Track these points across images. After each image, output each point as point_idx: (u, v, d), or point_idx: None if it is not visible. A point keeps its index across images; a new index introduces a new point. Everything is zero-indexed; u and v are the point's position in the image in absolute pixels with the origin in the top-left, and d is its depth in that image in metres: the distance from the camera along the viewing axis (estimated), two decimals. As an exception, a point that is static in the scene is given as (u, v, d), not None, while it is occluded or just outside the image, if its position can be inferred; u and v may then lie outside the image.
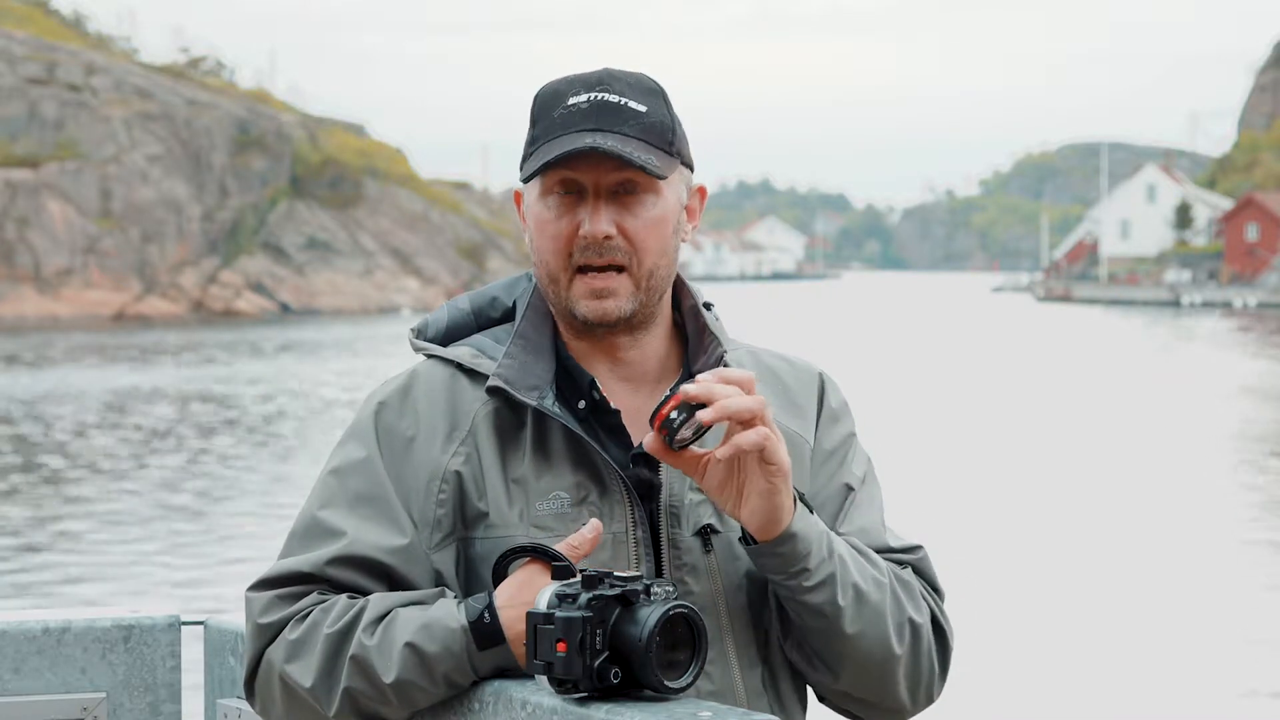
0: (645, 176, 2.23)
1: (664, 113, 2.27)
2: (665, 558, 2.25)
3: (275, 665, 2.20)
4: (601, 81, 2.26)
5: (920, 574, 2.32)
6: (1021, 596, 13.29)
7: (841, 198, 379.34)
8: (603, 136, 2.21)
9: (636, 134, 2.23)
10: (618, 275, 2.24)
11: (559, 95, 2.27)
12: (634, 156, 2.20)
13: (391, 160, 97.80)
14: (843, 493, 2.34)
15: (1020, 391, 33.64)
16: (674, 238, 2.29)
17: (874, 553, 2.26)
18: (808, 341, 44.85)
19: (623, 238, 2.23)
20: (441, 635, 2.11)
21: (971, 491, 19.08)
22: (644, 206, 2.24)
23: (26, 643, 2.68)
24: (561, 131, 2.23)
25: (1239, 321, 73.80)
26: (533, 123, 2.29)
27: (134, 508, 18.05)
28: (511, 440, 2.27)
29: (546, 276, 2.28)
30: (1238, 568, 14.68)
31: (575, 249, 2.24)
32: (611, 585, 1.99)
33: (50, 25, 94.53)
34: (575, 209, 2.24)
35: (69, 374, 39.04)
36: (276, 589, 2.23)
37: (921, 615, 2.25)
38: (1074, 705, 10.11)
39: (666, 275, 2.29)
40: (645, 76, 2.30)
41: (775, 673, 2.28)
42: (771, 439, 2.10)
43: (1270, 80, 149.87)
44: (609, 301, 2.25)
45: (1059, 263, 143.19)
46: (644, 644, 1.97)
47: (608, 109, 2.24)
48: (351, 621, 2.16)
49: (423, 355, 2.36)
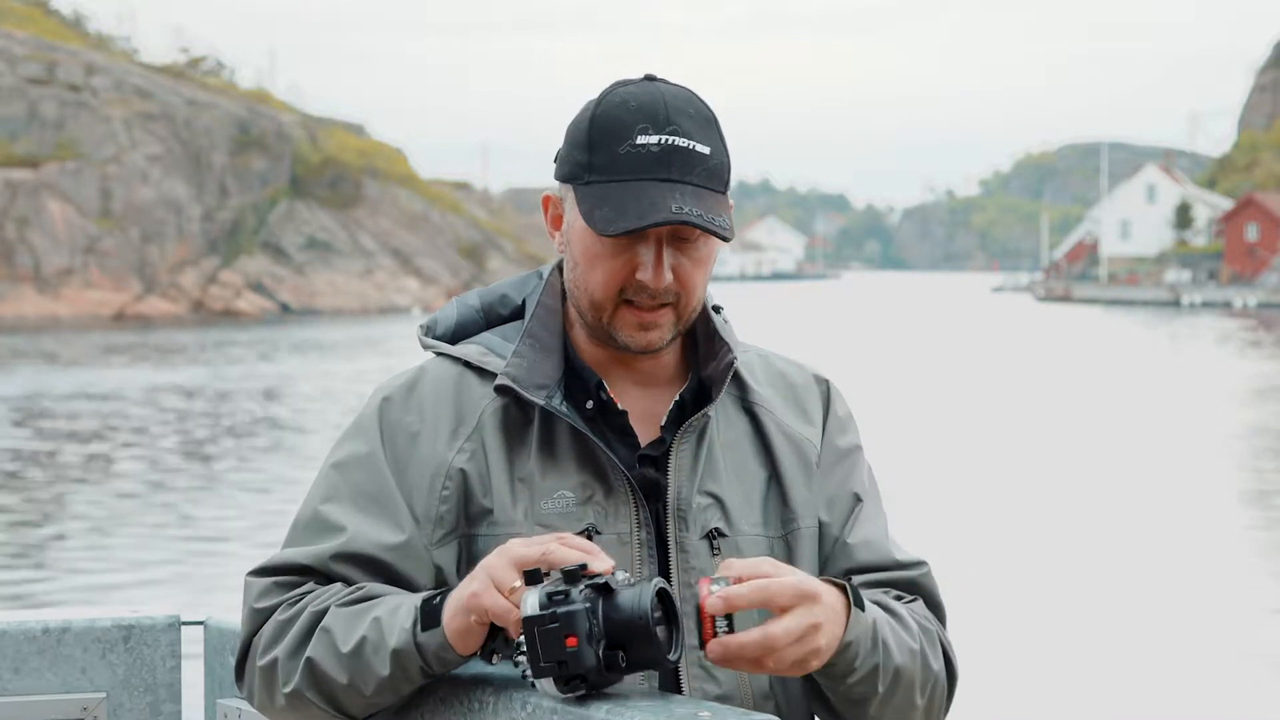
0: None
1: (722, 149, 2.25)
2: (673, 561, 2.24)
3: (259, 645, 2.21)
4: (671, 121, 2.22)
5: (923, 590, 2.33)
6: (1021, 597, 13.28)
7: (841, 198, 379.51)
8: (680, 194, 2.18)
9: (704, 182, 2.21)
10: (664, 309, 2.25)
11: (624, 128, 2.22)
12: (714, 225, 2.19)
13: (391, 160, 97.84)
14: (851, 501, 2.34)
15: (1020, 392, 33.64)
16: (713, 266, 2.30)
17: (902, 609, 2.25)
18: (808, 342, 44.86)
19: (676, 280, 2.24)
20: (404, 612, 2.11)
21: (971, 492, 19.07)
22: (697, 249, 2.25)
23: (26, 643, 2.68)
24: (630, 175, 2.20)
25: (1239, 321, 73.80)
26: (590, 146, 2.24)
27: (134, 507, 18.05)
28: (518, 438, 2.27)
29: (589, 303, 2.26)
30: (1237, 568, 14.67)
31: (629, 288, 2.23)
32: (588, 577, 2.00)
33: (50, 25, 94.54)
34: (635, 247, 2.22)
35: (105, 373, 39.05)
36: (275, 576, 2.24)
37: (938, 663, 2.26)
38: (1074, 706, 10.10)
39: (702, 302, 2.31)
40: (696, 100, 2.27)
41: (784, 678, 2.27)
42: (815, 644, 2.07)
43: (1270, 80, 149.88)
44: (654, 334, 2.25)
45: (1059, 263, 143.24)
46: (646, 622, 1.97)
47: (679, 155, 2.21)
48: (340, 599, 2.17)
49: (432, 353, 2.36)
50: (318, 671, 2.15)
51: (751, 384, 2.36)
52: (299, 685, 2.16)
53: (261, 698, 2.23)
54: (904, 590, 2.31)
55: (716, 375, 2.31)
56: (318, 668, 2.15)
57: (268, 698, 2.22)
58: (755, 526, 2.29)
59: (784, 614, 2.03)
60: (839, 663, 2.11)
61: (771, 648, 2.02)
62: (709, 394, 2.31)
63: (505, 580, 2.04)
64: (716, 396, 2.30)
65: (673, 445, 2.27)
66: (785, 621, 2.02)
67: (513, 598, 2.02)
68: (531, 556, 2.04)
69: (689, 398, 2.32)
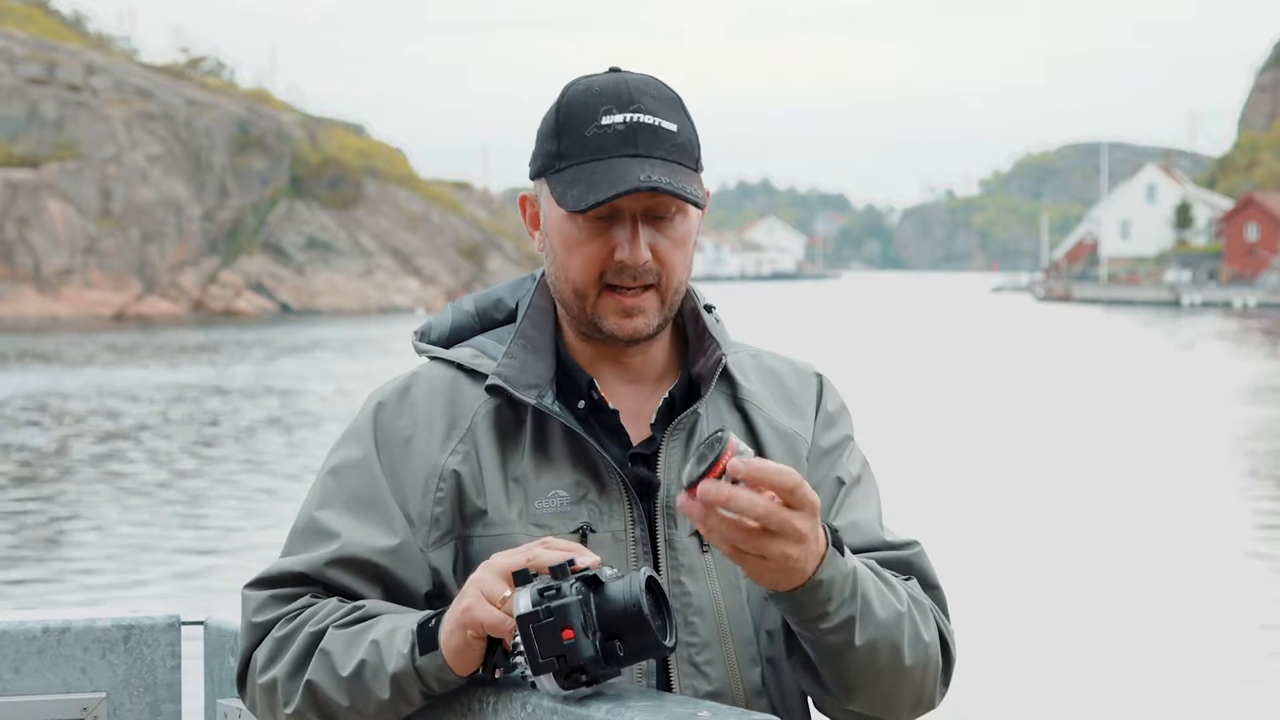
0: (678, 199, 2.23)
1: (690, 127, 2.27)
2: (662, 557, 2.25)
3: (258, 661, 2.22)
4: (634, 100, 2.23)
5: (916, 570, 2.31)
6: (1020, 597, 13.28)
7: (841, 198, 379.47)
8: (648, 166, 2.20)
9: (674, 157, 2.22)
10: (646, 292, 2.25)
11: (589, 111, 2.23)
12: (685, 191, 2.19)
13: (391, 160, 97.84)
14: (835, 486, 2.34)
15: (1020, 392, 33.64)
16: (693, 249, 2.31)
17: (891, 575, 2.22)
18: (808, 342, 44.87)
19: (655, 259, 2.24)
20: (401, 635, 2.12)
21: (971, 492, 19.07)
22: (674, 226, 2.25)
23: (26, 643, 2.68)
24: (599, 155, 2.21)
25: (1239, 321, 73.79)
26: (557, 134, 2.25)
27: (134, 507, 18.06)
28: (511, 439, 2.27)
29: (572, 292, 2.27)
30: (1238, 568, 14.67)
31: (608, 270, 2.24)
32: (575, 572, 2.00)
33: (50, 25, 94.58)
34: (608, 231, 2.23)
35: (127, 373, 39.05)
36: (272, 589, 2.24)
37: (930, 634, 2.24)
38: (1074, 706, 10.10)
39: (685, 285, 2.31)
40: (659, 83, 2.28)
41: (777, 672, 2.28)
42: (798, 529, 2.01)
43: (1270, 80, 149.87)
44: (639, 319, 2.25)
45: (1059, 263, 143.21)
46: (640, 609, 1.97)
47: (645, 132, 2.22)
48: (336, 619, 2.18)
49: (426, 357, 2.36)
50: (318, 694, 2.16)
51: (742, 382, 2.36)
52: (300, 707, 2.17)
53: (264, 713, 2.24)
54: (896, 571, 2.29)
55: (705, 373, 2.31)
56: (318, 690, 2.16)
57: (270, 715, 2.23)
58: (746, 522, 2.29)
59: (793, 511, 1.99)
60: (807, 602, 2.07)
61: (797, 484, 1.97)
62: (699, 392, 2.32)
63: (495, 591, 2.04)
64: (705, 394, 2.30)
65: (662, 443, 2.27)
66: (763, 500, 1.97)
67: (504, 608, 2.02)
68: (517, 564, 2.04)
69: (678, 396, 2.32)
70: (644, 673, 2.19)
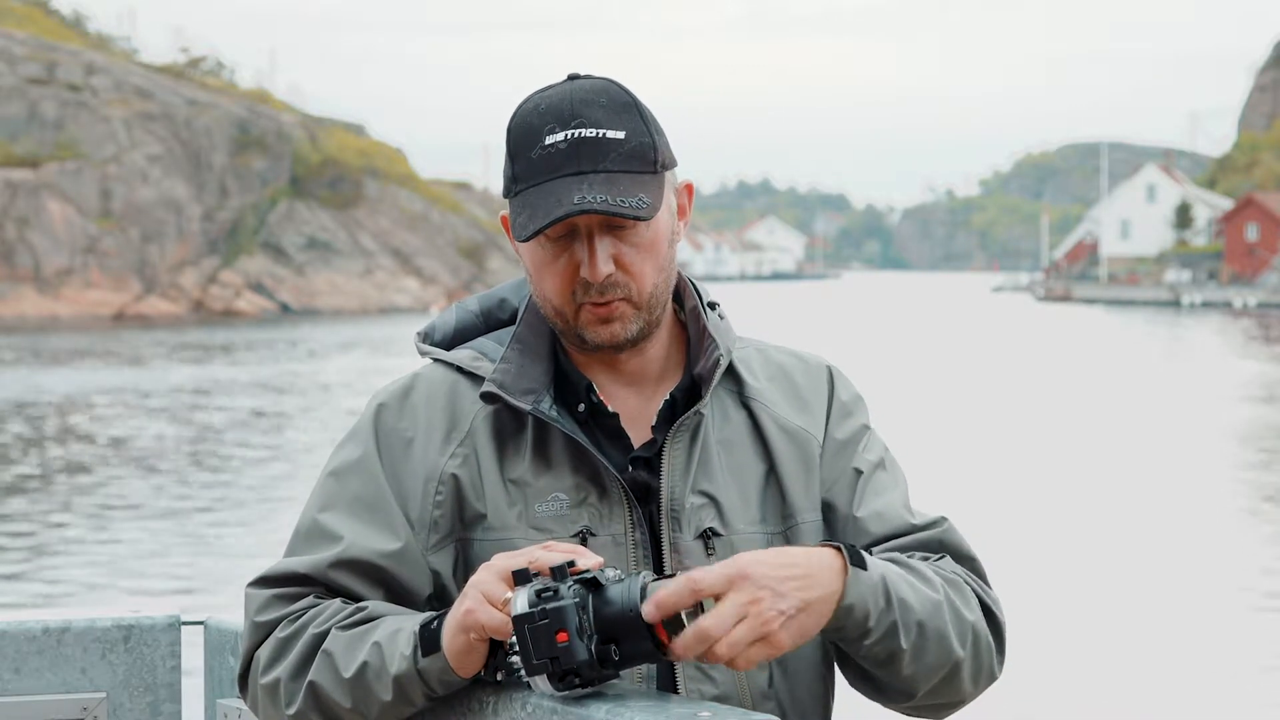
0: None
1: (641, 130, 2.23)
2: (667, 561, 2.24)
3: (261, 661, 2.22)
4: (576, 115, 2.20)
5: (949, 546, 2.29)
6: (1020, 596, 13.29)
7: (841, 198, 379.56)
8: (588, 184, 2.17)
9: (620, 166, 2.19)
10: (620, 302, 2.24)
11: (534, 132, 2.21)
12: (624, 206, 2.17)
13: (391, 160, 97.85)
14: (853, 478, 2.32)
15: (1021, 392, 33.64)
16: (669, 250, 2.27)
17: (920, 564, 2.21)
18: (808, 342, 44.70)
19: (621, 270, 2.22)
20: (403, 637, 2.11)
21: (971, 492, 19.06)
22: (637, 233, 2.23)
23: (26, 643, 2.68)
24: (544, 176, 2.19)
25: (1239, 321, 73.78)
26: (510, 157, 2.24)
27: (134, 506, 18.06)
28: (511, 442, 2.27)
29: (552, 310, 2.26)
30: (1237, 568, 14.68)
31: (577, 287, 2.23)
32: (575, 574, 1.99)
33: (50, 25, 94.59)
34: (571, 246, 2.22)
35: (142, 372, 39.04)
36: (275, 588, 2.24)
37: (973, 611, 2.22)
38: (1074, 707, 10.11)
39: (666, 288, 2.28)
40: (612, 86, 2.25)
41: (786, 674, 2.27)
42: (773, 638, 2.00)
43: (1270, 80, 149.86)
44: (616, 325, 2.24)
45: (1059, 263, 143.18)
46: (637, 614, 1.96)
47: (587, 146, 2.19)
48: (339, 621, 2.18)
49: (428, 359, 2.36)
50: (321, 695, 2.16)
51: (748, 379, 2.34)
52: (302, 708, 2.17)
53: (266, 714, 2.24)
54: (928, 550, 2.28)
55: (706, 373, 2.30)
56: (321, 692, 2.16)
57: (272, 715, 2.23)
58: (753, 524, 2.27)
59: (719, 601, 1.98)
60: (847, 625, 2.07)
61: (707, 637, 1.96)
62: (701, 392, 2.30)
63: (496, 593, 2.03)
64: (706, 394, 2.28)
65: (665, 445, 2.26)
66: (718, 608, 1.97)
67: (505, 609, 2.02)
68: (517, 565, 2.04)
69: (680, 397, 2.30)
70: (644, 677, 2.18)
